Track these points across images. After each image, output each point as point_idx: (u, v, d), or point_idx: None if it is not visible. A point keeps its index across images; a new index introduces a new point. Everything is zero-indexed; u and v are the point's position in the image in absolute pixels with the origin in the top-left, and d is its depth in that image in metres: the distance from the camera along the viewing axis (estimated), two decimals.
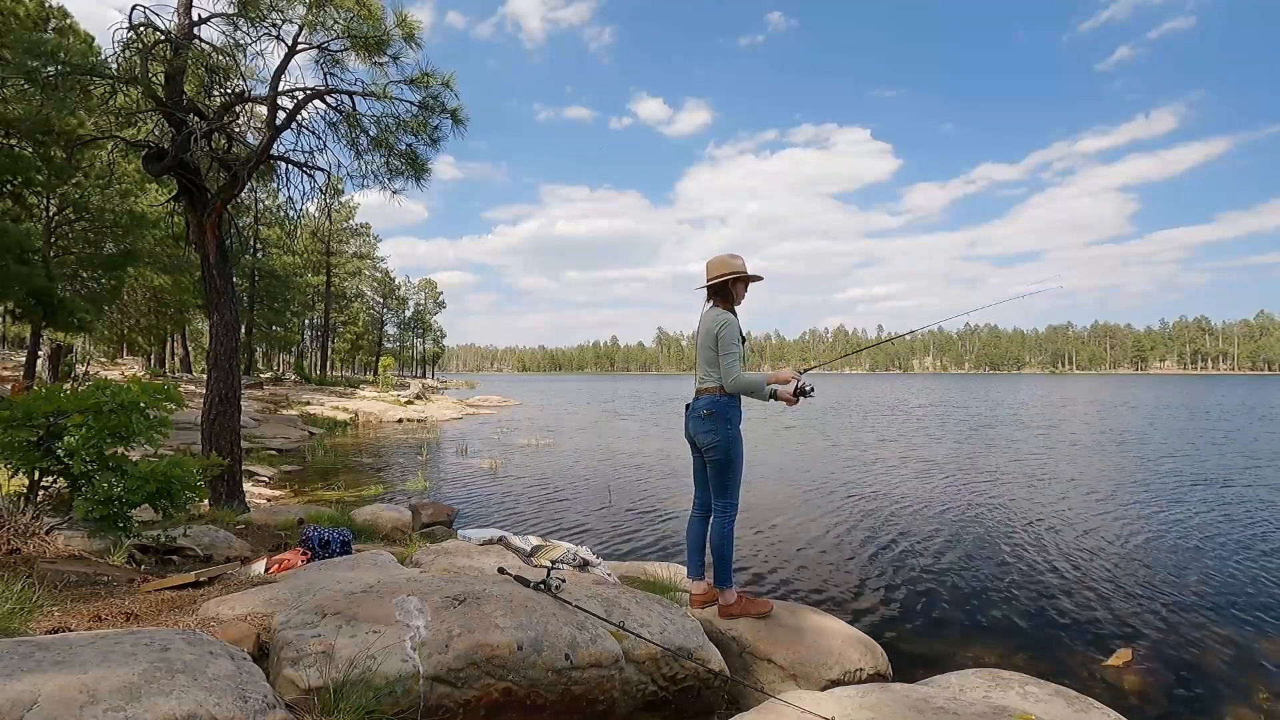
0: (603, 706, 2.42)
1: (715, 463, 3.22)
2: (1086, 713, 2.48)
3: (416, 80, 6.42)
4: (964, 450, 14.50)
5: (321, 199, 7.22)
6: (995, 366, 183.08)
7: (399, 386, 39.40)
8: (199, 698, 1.64)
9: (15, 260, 12.02)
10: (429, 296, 66.90)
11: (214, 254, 6.21)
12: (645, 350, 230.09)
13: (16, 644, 1.76)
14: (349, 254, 47.23)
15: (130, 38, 5.77)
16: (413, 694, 2.07)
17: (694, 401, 3.29)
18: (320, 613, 2.34)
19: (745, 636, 3.16)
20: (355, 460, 13.63)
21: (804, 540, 6.90)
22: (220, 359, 6.21)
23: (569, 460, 13.35)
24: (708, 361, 3.22)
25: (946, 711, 2.20)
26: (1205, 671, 3.89)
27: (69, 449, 3.56)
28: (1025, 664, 3.93)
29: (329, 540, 4.16)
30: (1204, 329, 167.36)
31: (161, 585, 3.04)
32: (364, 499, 8.69)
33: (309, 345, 51.91)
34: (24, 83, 5.76)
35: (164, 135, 6.20)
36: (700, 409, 3.22)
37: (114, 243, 17.03)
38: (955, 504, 8.68)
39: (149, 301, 26.50)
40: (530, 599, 2.62)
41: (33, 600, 2.42)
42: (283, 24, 6.09)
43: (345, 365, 57.25)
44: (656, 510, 8.32)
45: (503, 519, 7.93)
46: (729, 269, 3.28)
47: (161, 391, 4.13)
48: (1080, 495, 9.28)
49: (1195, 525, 7.45)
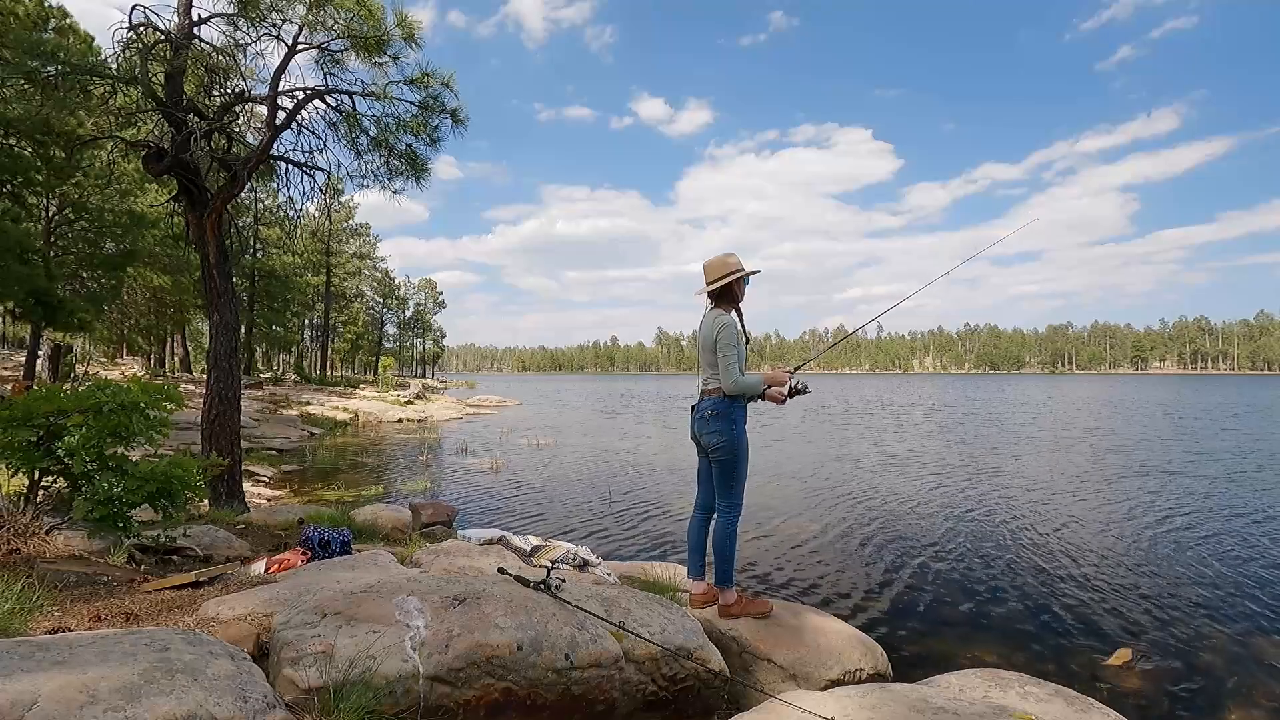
0: (603, 706, 2.42)
1: (721, 463, 3.23)
2: (1086, 713, 2.47)
3: (416, 80, 6.42)
4: (963, 449, 14.50)
5: (321, 199, 7.21)
6: (995, 366, 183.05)
7: (399, 386, 39.40)
8: (199, 698, 1.64)
9: (15, 260, 12.03)
10: (429, 296, 66.93)
11: (214, 254, 6.20)
12: (645, 350, 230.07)
13: (16, 644, 1.76)
14: (349, 254, 47.23)
15: (130, 38, 5.76)
16: (413, 694, 2.08)
17: (699, 403, 3.31)
18: (320, 613, 2.34)
19: (745, 636, 3.15)
20: (355, 460, 13.63)
21: (804, 540, 6.90)
22: (220, 359, 6.21)
23: (569, 460, 13.35)
24: (710, 364, 3.23)
25: (946, 711, 2.19)
26: (1205, 671, 3.89)
27: (69, 449, 3.56)
28: (1025, 664, 3.93)
29: (329, 540, 4.16)
30: (1204, 329, 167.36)
31: (161, 585, 3.04)
32: (364, 499, 8.69)
33: (309, 345, 51.91)
34: (24, 83, 5.76)
35: (164, 135, 6.19)
36: (705, 410, 3.25)
37: (114, 243, 17.03)
38: (955, 504, 8.68)
39: (149, 301, 26.50)
40: (530, 599, 2.62)
41: (33, 600, 2.42)
42: (283, 24, 6.08)
43: (345, 365, 57.26)
44: (656, 510, 8.32)
45: (503, 519, 7.93)
46: (727, 269, 3.29)
47: (161, 391, 4.13)
48: (1080, 495, 9.28)
49: (1195, 525, 7.45)
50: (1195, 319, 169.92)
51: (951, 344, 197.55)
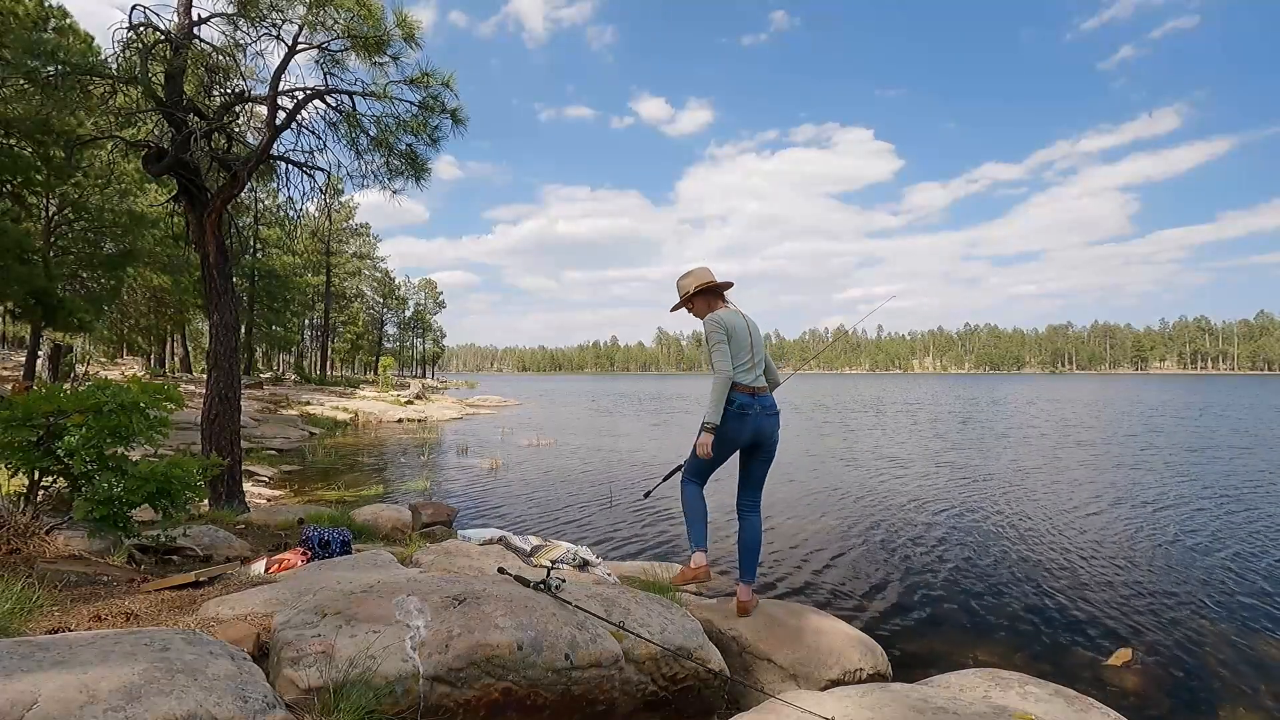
0: (603, 706, 2.42)
1: (770, 459, 3.31)
2: (1086, 713, 2.47)
3: (416, 80, 6.41)
4: (963, 449, 14.50)
5: (321, 199, 7.21)
6: (995, 366, 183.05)
7: (399, 386, 39.38)
8: (199, 698, 1.64)
9: (15, 260, 12.03)
10: (429, 296, 66.91)
11: (214, 254, 6.20)
12: (645, 350, 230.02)
13: (16, 644, 1.76)
14: (349, 254, 47.22)
15: (130, 38, 5.76)
16: (413, 694, 2.07)
17: (762, 399, 3.22)
18: (320, 613, 2.33)
19: (745, 636, 3.16)
20: (355, 460, 13.62)
21: (804, 540, 6.90)
22: (220, 359, 6.21)
23: (569, 460, 13.34)
24: (758, 362, 3.27)
25: (946, 711, 2.19)
26: (1205, 671, 3.89)
27: (69, 449, 3.56)
28: (1025, 664, 3.93)
29: (329, 540, 4.16)
30: (1204, 329, 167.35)
31: (161, 585, 3.04)
32: (364, 499, 8.69)
33: (309, 345, 51.90)
34: (24, 82, 5.76)
35: (164, 135, 6.19)
36: (772, 408, 3.26)
37: (114, 243, 17.02)
38: (955, 503, 8.68)
39: (149, 301, 26.51)
40: (530, 599, 2.62)
41: (33, 600, 2.42)
42: (283, 24, 6.08)
43: (345, 365, 57.24)
44: (657, 510, 8.31)
45: (503, 519, 7.93)
46: (680, 294, 3.40)
47: (161, 391, 4.13)
48: (1080, 495, 9.28)
49: (1196, 525, 7.45)
50: (1195, 319, 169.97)
51: (951, 344, 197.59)
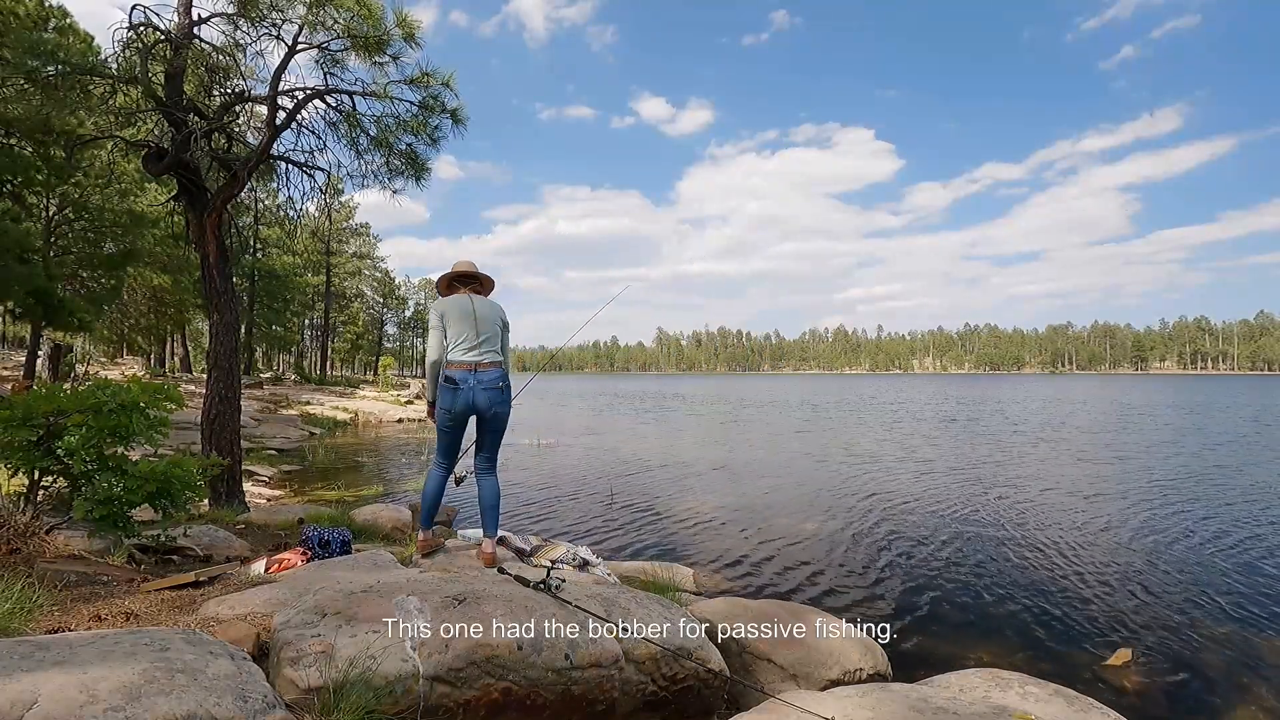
0: (603, 706, 2.42)
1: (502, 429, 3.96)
2: (1086, 713, 2.47)
3: (417, 80, 6.40)
4: (961, 449, 14.50)
5: (321, 199, 7.20)
6: (995, 366, 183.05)
7: (399, 386, 39.37)
8: (199, 697, 1.64)
9: (15, 260, 12.03)
10: (429, 296, 66.89)
11: (214, 254, 6.20)
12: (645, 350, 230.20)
13: (16, 644, 1.77)
14: (349, 254, 47.19)
15: (130, 37, 5.76)
16: (412, 694, 2.08)
17: (485, 375, 3.73)
18: (320, 612, 2.34)
19: (745, 636, 3.16)
20: (355, 460, 13.62)
21: (803, 540, 6.90)
22: (220, 359, 6.21)
23: (569, 460, 13.34)
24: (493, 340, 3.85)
25: (946, 711, 2.19)
26: (1205, 671, 3.89)
27: (69, 449, 3.56)
28: (1025, 664, 3.93)
29: (329, 540, 4.15)
30: (1204, 329, 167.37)
31: (161, 585, 3.04)
32: (364, 499, 8.69)
33: (309, 345, 51.90)
34: (24, 82, 5.75)
35: (164, 135, 6.19)
36: (498, 381, 3.77)
37: (114, 242, 17.01)
38: (954, 503, 8.67)
39: (149, 301, 26.47)
40: (530, 599, 2.62)
41: (33, 600, 2.42)
42: (283, 24, 6.07)
43: (345, 365, 57.24)
44: (657, 510, 8.31)
45: (503, 519, 7.89)
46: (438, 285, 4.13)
47: (161, 391, 4.13)
48: (1080, 495, 9.28)
49: (1196, 525, 7.44)
50: (1195, 319, 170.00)
51: (951, 344, 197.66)
